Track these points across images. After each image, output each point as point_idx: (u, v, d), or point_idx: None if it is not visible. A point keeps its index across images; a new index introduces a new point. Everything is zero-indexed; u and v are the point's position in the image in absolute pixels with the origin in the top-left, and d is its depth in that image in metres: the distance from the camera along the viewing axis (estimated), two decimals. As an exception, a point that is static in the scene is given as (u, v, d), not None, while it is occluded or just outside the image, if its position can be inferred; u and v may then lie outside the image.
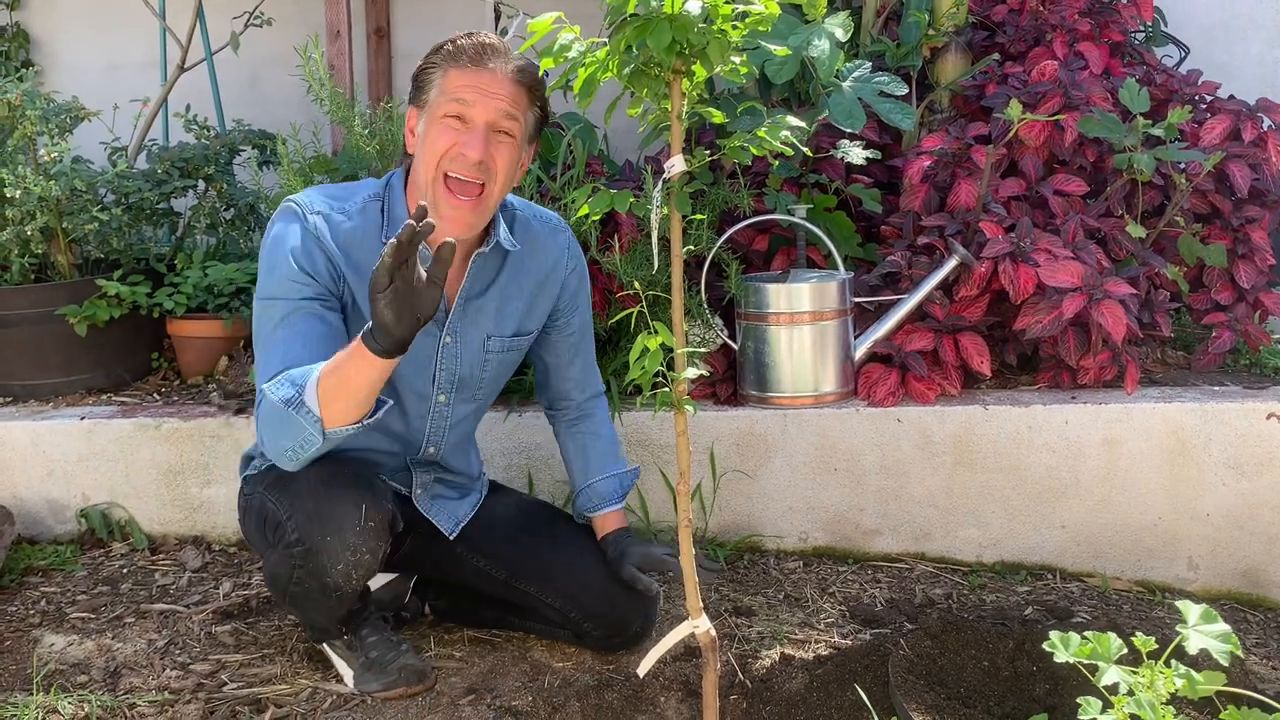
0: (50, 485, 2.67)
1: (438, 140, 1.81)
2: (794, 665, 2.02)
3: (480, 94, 1.79)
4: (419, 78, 1.87)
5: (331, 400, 1.70)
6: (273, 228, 1.87)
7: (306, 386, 1.70)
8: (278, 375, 1.74)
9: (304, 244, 1.83)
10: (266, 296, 1.84)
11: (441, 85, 1.82)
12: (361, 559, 1.83)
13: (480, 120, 1.80)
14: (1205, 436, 2.41)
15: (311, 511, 1.80)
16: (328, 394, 1.69)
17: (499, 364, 2.04)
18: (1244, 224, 2.71)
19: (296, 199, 1.88)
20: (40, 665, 2.10)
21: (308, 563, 1.83)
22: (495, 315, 1.99)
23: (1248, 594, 2.45)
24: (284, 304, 1.81)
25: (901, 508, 2.52)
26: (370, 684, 1.97)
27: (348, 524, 1.81)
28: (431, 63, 1.85)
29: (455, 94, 1.80)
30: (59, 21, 4.08)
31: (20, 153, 2.86)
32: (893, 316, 2.52)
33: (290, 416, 1.71)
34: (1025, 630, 2.03)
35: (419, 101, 1.86)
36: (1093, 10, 3.05)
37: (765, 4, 1.46)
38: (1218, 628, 1.19)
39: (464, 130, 1.80)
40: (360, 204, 1.89)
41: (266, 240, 1.87)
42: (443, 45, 1.85)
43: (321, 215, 1.86)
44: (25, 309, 2.87)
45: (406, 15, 3.95)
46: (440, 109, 1.81)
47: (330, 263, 1.85)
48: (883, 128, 2.86)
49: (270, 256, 1.85)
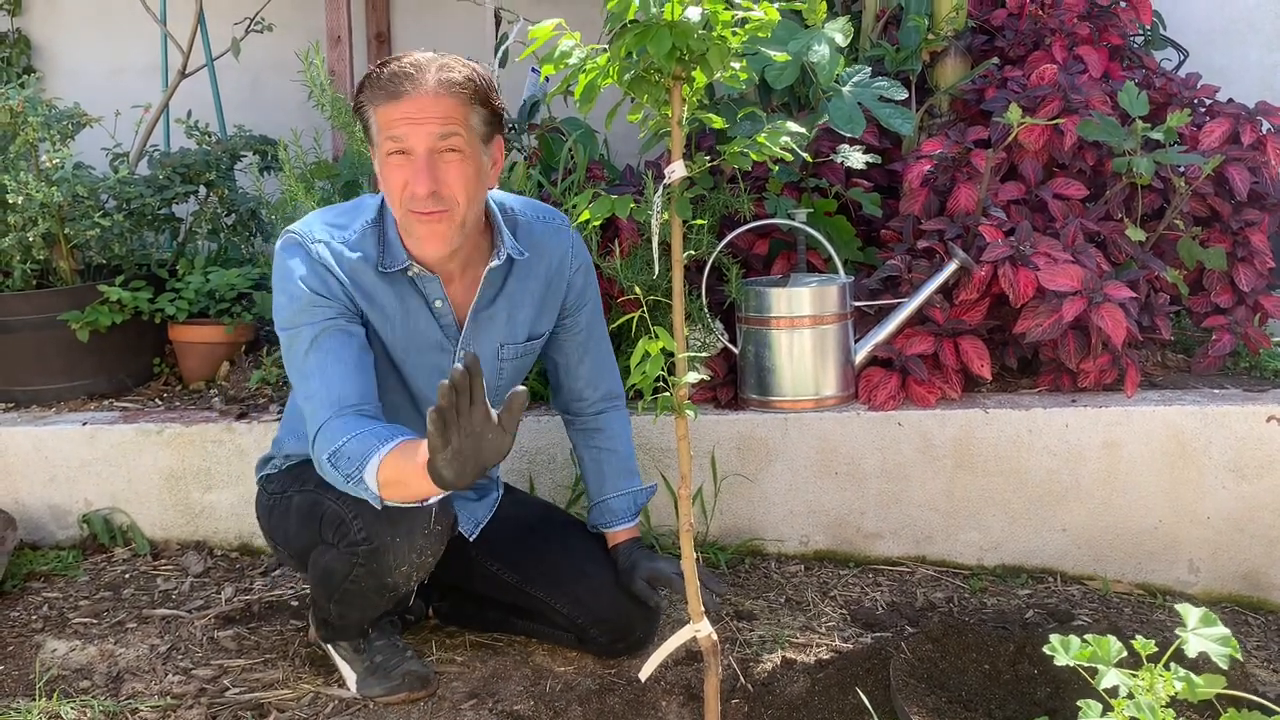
0: (52, 490, 2.67)
1: (390, 180, 1.80)
2: (795, 669, 2.02)
3: (410, 124, 1.75)
4: (359, 118, 1.84)
5: (389, 488, 1.70)
6: (279, 261, 1.88)
7: (366, 468, 1.70)
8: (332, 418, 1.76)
9: (312, 271, 1.84)
10: (290, 326, 1.85)
11: (376, 123, 1.79)
12: (425, 561, 1.88)
13: (420, 149, 1.76)
14: (1205, 439, 2.42)
15: (381, 512, 1.79)
16: (386, 484, 1.70)
17: (514, 370, 2.05)
18: (1243, 227, 2.72)
19: (297, 230, 1.88)
20: (43, 671, 2.11)
21: (371, 562, 1.85)
22: (506, 323, 1.99)
23: (1248, 597, 2.45)
24: (309, 329, 1.83)
25: (902, 511, 2.52)
26: (373, 689, 1.98)
27: (418, 526, 1.84)
28: (360, 102, 1.82)
29: (388, 131, 1.77)
30: (60, 27, 4.09)
31: (22, 159, 2.87)
32: (893, 320, 2.53)
33: (347, 485, 1.75)
34: (1026, 633, 2.04)
35: (369, 141, 1.85)
36: (1092, 14, 3.06)
37: (765, 10, 1.47)
38: (1217, 631, 1.19)
39: (407, 164, 1.78)
40: (359, 232, 1.89)
41: (276, 274, 1.88)
42: (364, 81, 1.81)
43: (324, 244, 1.86)
44: (27, 314, 2.87)
45: (407, 21, 3.96)
46: (382, 148, 1.80)
47: (342, 286, 1.86)
48: (882, 132, 2.87)
49: (284, 288, 1.86)
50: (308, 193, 2.70)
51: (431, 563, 1.90)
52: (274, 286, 1.88)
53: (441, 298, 1.91)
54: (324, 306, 1.84)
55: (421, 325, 1.92)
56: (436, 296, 1.91)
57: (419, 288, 1.91)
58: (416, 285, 1.90)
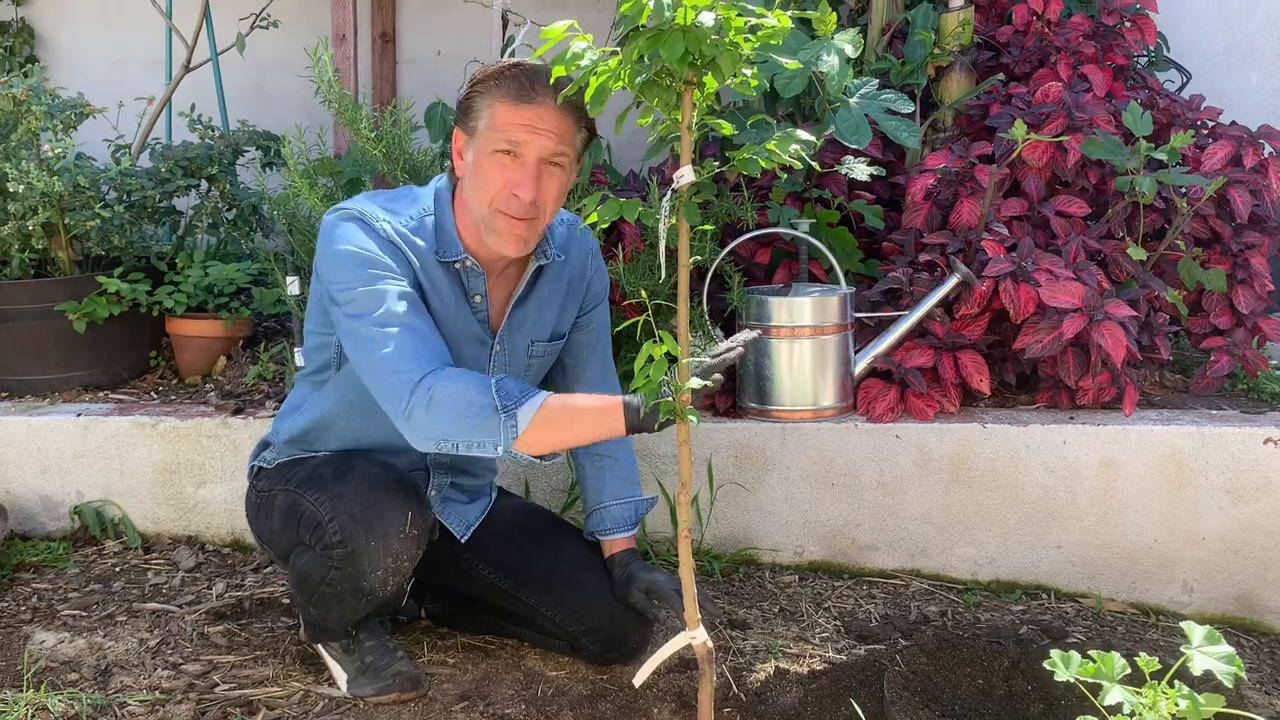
0: (44, 481, 2.65)
1: (490, 176, 1.80)
2: (789, 679, 2.02)
3: (530, 131, 1.77)
4: (466, 103, 1.83)
5: (547, 428, 1.70)
6: (336, 230, 1.83)
7: (527, 401, 1.69)
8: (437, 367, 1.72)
9: (381, 244, 1.81)
10: (357, 288, 1.78)
11: (490, 119, 1.79)
12: (400, 565, 1.86)
13: (531, 157, 1.79)
14: (1202, 460, 2.42)
15: (357, 514, 1.79)
16: (548, 421, 1.69)
17: (539, 368, 2.07)
18: (1244, 249, 2.73)
19: (358, 208, 1.84)
20: (31, 662, 2.09)
21: (346, 565, 1.83)
22: (535, 321, 2.00)
23: (1242, 618, 2.45)
24: (393, 283, 1.78)
25: (898, 524, 2.52)
26: (364, 688, 1.97)
27: (393, 530, 1.82)
28: (477, 90, 1.81)
29: (505, 131, 1.78)
30: (64, 18, 4.08)
31: (24, 148, 2.86)
32: (893, 333, 2.52)
33: (491, 418, 1.69)
34: (1020, 649, 2.04)
35: (467, 128, 1.83)
36: (1097, 34, 3.07)
37: (777, 17, 1.47)
38: (1221, 649, 1.19)
39: (515, 167, 1.79)
40: (416, 219, 1.88)
41: (335, 241, 1.82)
42: (489, 73, 1.80)
43: (388, 223, 1.84)
44: (25, 304, 2.86)
45: (412, 20, 3.96)
46: (490, 144, 1.79)
47: (408, 264, 1.84)
48: (886, 145, 2.87)
49: (349, 253, 1.79)
50: (311, 189, 2.69)
51: (408, 567, 1.88)
52: (331, 254, 1.81)
53: (482, 293, 1.93)
54: (393, 274, 1.80)
55: (465, 317, 1.93)
56: (478, 291, 1.92)
57: (464, 280, 1.91)
58: (462, 278, 1.91)
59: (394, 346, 1.74)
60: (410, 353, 1.74)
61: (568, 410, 1.74)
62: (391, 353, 1.74)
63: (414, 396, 1.71)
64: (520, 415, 1.69)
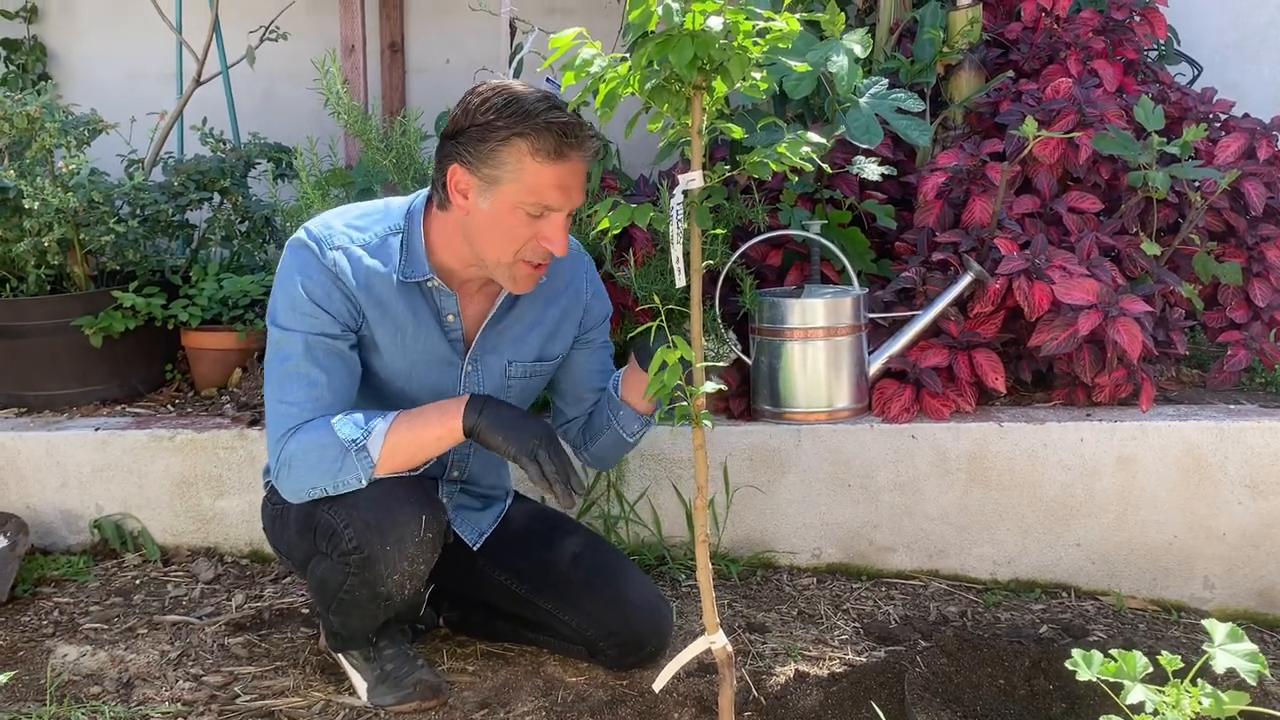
0: (64, 496, 2.67)
1: (517, 231, 1.78)
2: (809, 682, 2.01)
3: (564, 193, 1.76)
4: (485, 147, 1.74)
5: (397, 453, 1.77)
6: (288, 258, 1.85)
7: (374, 433, 1.75)
8: (309, 422, 1.78)
9: (320, 282, 1.82)
10: (283, 326, 1.83)
11: (519, 175, 1.74)
12: (417, 570, 1.86)
13: (564, 212, 1.79)
14: (1221, 455, 2.40)
15: (371, 521, 1.80)
16: (396, 448, 1.77)
17: (521, 389, 2.04)
18: (1259, 242, 2.71)
19: (315, 232, 1.84)
20: (54, 676, 2.10)
21: (363, 571, 1.84)
22: (515, 341, 1.99)
23: (1264, 614, 2.43)
24: (301, 336, 1.82)
25: (915, 524, 2.51)
26: (384, 697, 1.97)
27: (408, 535, 1.82)
28: (501, 137, 1.73)
29: (539, 194, 1.75)
30: (76, 35, 4.11)
31: (38, 164, 2.88)
32: (907, 333, 2.52)
33: (344, 458, 1.76)
34: (1041, 649, 2.02)
35: (481, 174, 1.76)
36: (1106, 28, 3.06)
37: (786, 20, 1.47)
38: (1244, 646, 1.18)
39: (545, 222, 1.77)
40: (380, 237, 1.87)
41: (281, 271, 1.85)
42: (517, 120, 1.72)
43: (341, 250, 1.83)
44: (41, 320, 2.88)
45: (420, 30, 3.97)
46: (519, 202, 1.76)
47: (348, 300, 1.84)
48: (897, 144, 2.86)
49: (286, 289, 1.83)
50: (323, 200, 2.70)
51: (424, 571, 1.88)
52: (276, 280, 1.86)
53: (455, 312, 1.91)
54: (321, 318, 1.82)
55: (432, 338, 1.91)
56: (450, 310, 1.91)
57: (434, 300, 1.90)
58: (432, 297, 1.90)
59: (285, 405, 1.81)
60: (293, 410, 1.80)
61: (413, 430, 1.79)
62: (282, 412, 1.82)
63: (279, 462, 1.81)
64: (370, 445, 1.76)
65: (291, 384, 1.81)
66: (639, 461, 2.54)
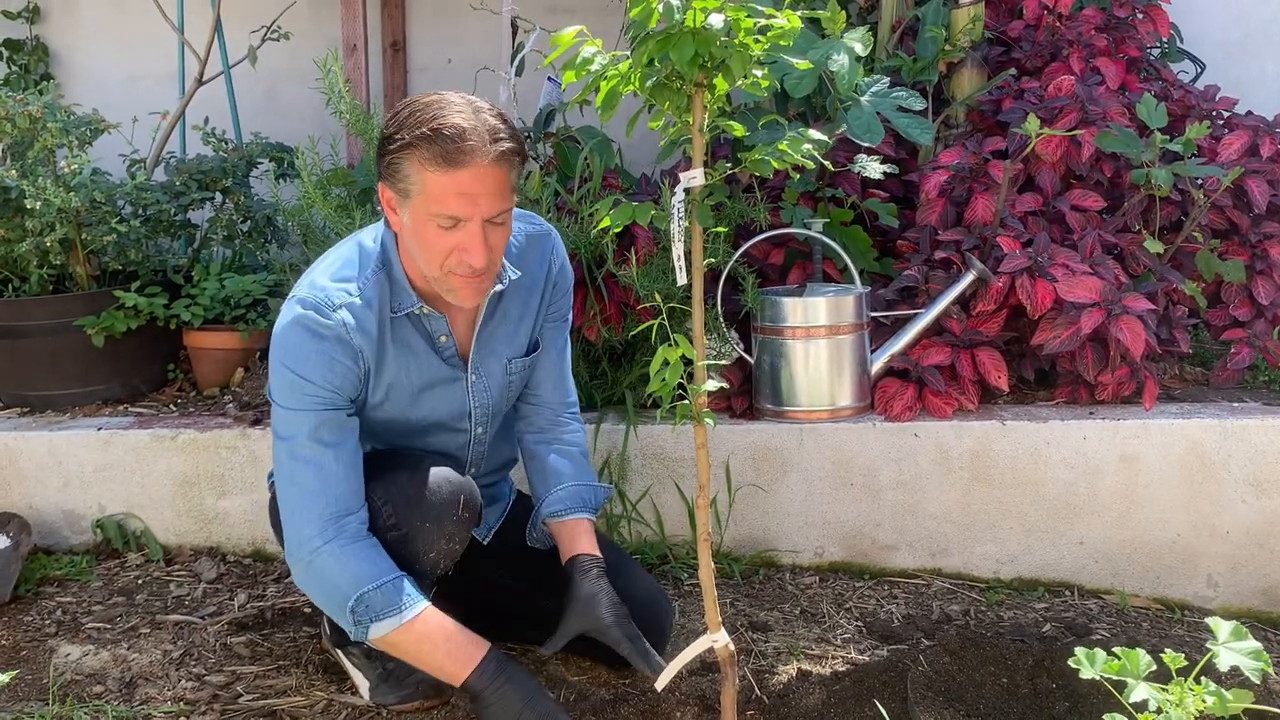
0: (66, 496, 2.67)
1: (432, 243, 1.73)
2: (811, 681, 2.01)
3: (464, 200, 1.68)
4: (389, 161, 1.71)
5: (392, 649, 1.79)
6: (287, 335, 1.79)
7: (383, 622, 1.74)
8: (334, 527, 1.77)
9: (319, 360, 1.77)
10: (286, 406, 1.80)
11: (422, 187, 1.69)
12: (453, 548, 1.87)
13: (476, 222, 1.71)
14: (1225, 453, 2.40)
15: (412, 498, 1.81)
16: (395, 645, 1.78)
17: (520, 382, 2.06)
18: (1262, 240, 2.70)
19: (312, 299, 1.78)
20: (56, 675, 2.10)
21: (402, 548, 1.83)
22: (507, 338, 1.99)
23: (1268, 612, 2.43)
24: (309, 415, 1.78)
25: (918, 523, 2.51)
26: (387, 696, 1.97)
27: (446, 512, 1.83)
28: (400, 154, 1.69)
29: (441, 204, 1.68)
30: (78, 35, 4.11)
31: (40, 164, 2.88)
32: (909, 331, 2.52)
33: (343, 616, 1.76)
34: (1044, 647, 2.02)
35: (395, 188, 1.73)
36: (1109, 26, 3.05)
37: (787, 18, 1.47)
38: (1248, 645, 1.18)
39: (459, 232, 1.71)
40: (370, 280, 1.82)
41: (280, 347, 1.79)
42: (405, 133, 1.68)
43: (345, 308, 1.79)
44: (43, 320, 2.88)
45: (422, 29, 3.97)
46: (427, 213, 1.70)
47: (354, 361, 1.81)
48: (899, 142, 2.86)
49: (287, 367, 1.78)
50: (324, 199, 2.70)
51: (459, 550, 1.89)
52: (275, 357, 1.80)
53: (446, 332, 1.91)
54: (324, 396, 1.78)
55: (431, 363, 1.91)
56: (442, 332, 1.91)
57: (425, 326, 1.90)
58: (423, 324, 1.89)
59: (298, 487, 1.79)
60: (311, 499, 1.78)
61: (418, 650, 1.78)
62: (296, 494, 1.80)
63: (301, 553, 1.79)
64: (373, 630, 1.75)
65: (301, 468, 1.78)
66: (641, 461, 2.54)
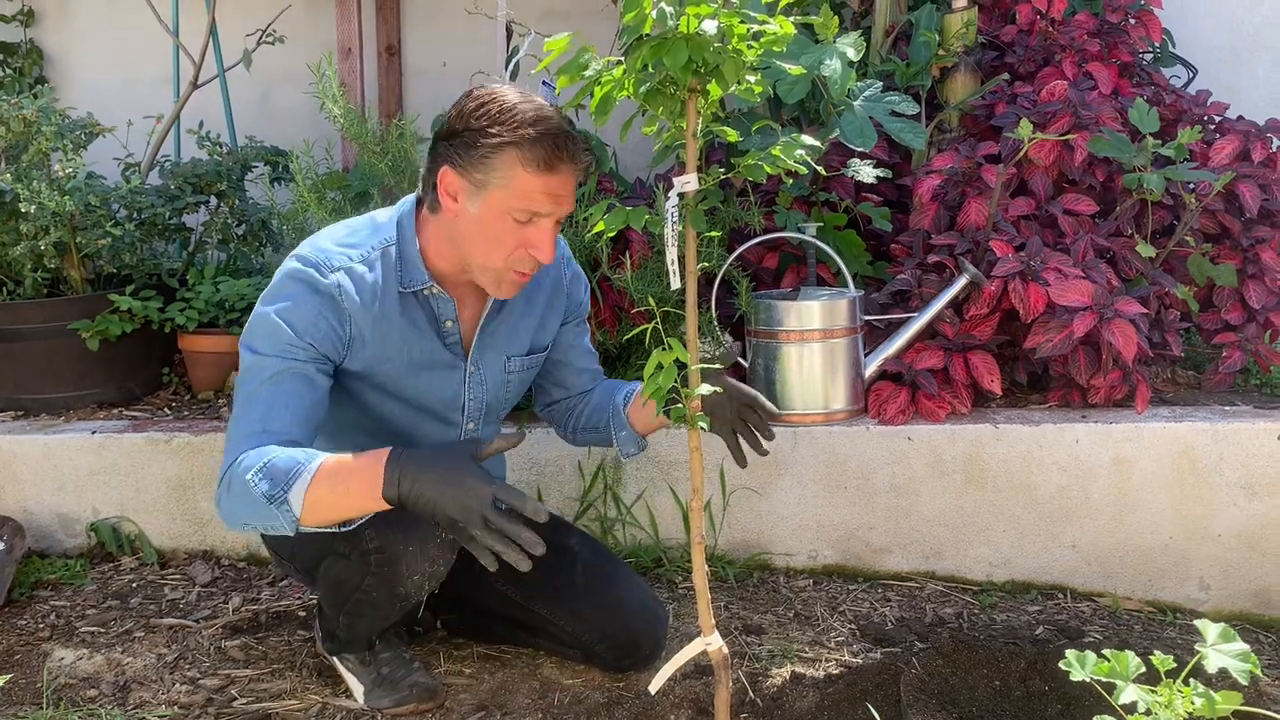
0: (60, 499, 2.67)
1: (505, 238, 1.77)
2: (805, 684, 2.01)
3: (554, 201, 1.76)
4: (477, 152, 1.74)
5: (319, 509, 1.68)
6: (279, 284, 1.80)
7: (294, 486, 1.67)
8: (254, 448, 1.71)
9: (308, 313, 1.77)
10: (258, 351, 1.78)
11: (508, 182, 1.73)
12: (437, 570, 1.86)
13: (551, 222, 1.78)
14: (1216, 456, 2.41)
15: (393, 520, 1.78)
16: (319, 503, 1.67)
17: (519, 382, 2.07)
18: (1254, 244, 2.72)
19: (311, 257, 1.80)
20: (50, 679, 2.10)
21: (383, 570, 1.83)
22: (509, 336, 2.00)
23: (1260, 615, 2.44)
24: (274, 361, 1.76)
25: (912, 526, 2.51)
26: (381, 700, 1.97)
27: (430, 535, 1.82)
28: (495, 145, 1.72)
29: (527, 201, 1.74)
30: (73, 39, 4.11)
31: (35, 168, 2.88)
32: (903, 335, 2.52)
33: (265, 508, 1.69)
34: (1037, 650, 2.03)
35: (472, 178, 1.75)
36: (1101, 31, 3.07)
37: (780, 23, 1.48)
38: (1236, 647, 1.18)
39: (532, 229, 1.77)
40: (377, 249, 1.84)
41: (269, 293, 1.81)
42: (507, 131, 1.72)
43: (344, 271, 1.80)
44: (38, 323, 2.88)
45: (417, 33, 3.97)
46: (507, 208, 1.75)
47: (340, 325, 1.80)
48: (892, 147, 2.87)
49: (267, 314, 1.78)
50: (319, 203, 2.71)
51: (443, 571, 1.88)
52: (260, 305, 1.80)
53: (453, 318, 1.92)
54: (302, 349, 1.78)
55: (432, 346, 1.91)
56: (449, 316, 1.91)
57: (433, 307, 1.90)
58: (429, 305, 1.90)
59: (238, 425, 1.76)
60: (245, 432, 1.74)
61: (335, 488, 1.68)
62: (233, 431, 1.76)
63: (221, 484, 1.75)
64: (292, 498, 1.67)
65: (252, 410, 1.75)
66: (635, 464, 2.55)
